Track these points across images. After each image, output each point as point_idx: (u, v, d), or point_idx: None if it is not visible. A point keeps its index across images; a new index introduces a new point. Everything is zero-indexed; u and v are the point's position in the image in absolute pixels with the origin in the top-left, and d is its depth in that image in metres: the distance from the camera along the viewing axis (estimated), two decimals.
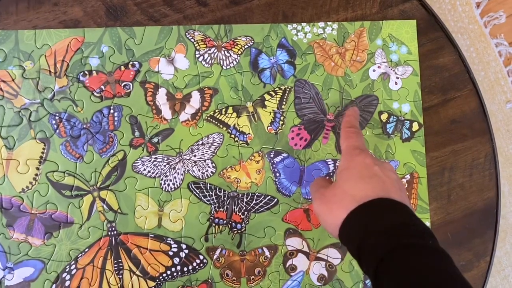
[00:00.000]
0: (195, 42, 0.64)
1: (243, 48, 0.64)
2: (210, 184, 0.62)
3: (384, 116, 0.65)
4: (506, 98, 1.27)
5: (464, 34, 1.26)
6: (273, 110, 0.64)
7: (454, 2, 1.26)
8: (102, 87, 0.62)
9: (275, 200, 0.62)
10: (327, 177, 0.62)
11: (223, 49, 0.64)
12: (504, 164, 1.22)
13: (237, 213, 0.62)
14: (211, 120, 0.63)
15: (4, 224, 0.59)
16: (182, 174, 0.62)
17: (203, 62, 0.63)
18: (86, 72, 0.62)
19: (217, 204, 0.62)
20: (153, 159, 0.61)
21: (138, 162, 0.61)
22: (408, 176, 0.64)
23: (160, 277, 0.60)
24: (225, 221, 0.62)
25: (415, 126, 0.65)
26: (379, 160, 0.48)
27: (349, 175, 0.46)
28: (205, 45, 0.64)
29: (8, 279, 0.59)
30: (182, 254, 0.61)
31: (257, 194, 0.62)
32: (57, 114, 0.61)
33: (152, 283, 0.60)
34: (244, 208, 0.62)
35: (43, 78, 0.61)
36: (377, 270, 0.39)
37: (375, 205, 0.43)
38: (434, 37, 0.67)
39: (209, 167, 0.62)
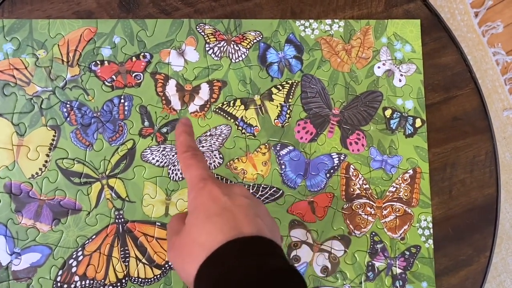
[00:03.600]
0: (205, 36, 0.65)
1: (252, 43, 0.66)
2: (217, 174, 0.63)
3: (388, 112, 0.66)
4: (503, 106, 1.30)
5: (462, 43, 1.29)
6: (280, 104, 0.65)
7: (453, 11, 1.29)
8: (113, 77, 0.63)
9: (281, 192, 0.63)
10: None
11: (233, 43, 0.65)
12: (501, 171, 1.24)
13: None
14: (219, 112, 0.64)
15: (13, 209, 0.60)
16: None
17: (213, 55, 0.65)
18: (98, 62, 0.63)
19: None
20: (161, 149, 0.62)
21: (147, 151, 0.62)
22: (411, 171, 0.65)
23: (166, 265, 0.61)
24: None
25: (418, 123, 0.66)
26: (227, 187, 0.42)
27: (196, 217, 0.40)
28: (215, 39, 0.65)
29: (15, 264, 0.59)
30: None
31: (262, 185, 0.63)
32: (68, 102, 0.62)
33: (158, 271, 0.61)
34: None
35: (55, 67, 0.63)
36: None
37: (224, 253, 0.37)
38: (437, 36, 0.68)
39: (216, 158, 0.63)
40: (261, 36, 0.66)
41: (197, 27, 0.65)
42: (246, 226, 0.38)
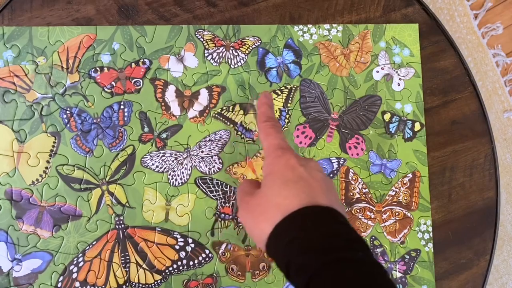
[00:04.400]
0: (204, 41, 0.65)
1: (251, 48, 0.66)
2: (216, 179, 0.63)
3: (387, 116, 0.67)
4: (504, 108, 1.30)
5: (462, 45, 1.29)
6: (279, 109, 0.65)
7: (452, 13, 1.29)
8: (113, 83, 0.63)
9: None
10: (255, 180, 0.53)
11: (231, 48, 0.66)
12: (502, 173, 1.24)
13: None
14: (218, 117, 0.64)
15: (13, 216, 0.60)
16: (189, 170, 0.63)
17: (212, 61, 0.65)
18: (97, 68, 0.63)
19: (223, 200, 0.63)
20: (161, 154, 0.63)
21: (146, 157, 0.63)
22: (410, 175, 0.65)
23: (166, 271, 0.61)
24: (230, 216, 0.63)
25: (417, 126, 0.67)
26: (304, 159, 0.45)
27: (273, 181, 0.43)
28: (213, 44, 0.65)
29: (16, 270, 0.59)
30: (188, 248, 0.62)
31: None
32: (68, 109, 0.62)
33: (158, 277, 0.61)
34: None
35: (55, 74, 0.63)
36: None
37: (301, 216, 0.39)
38: (435, 40, 0.69)
39: (216, 163, 0.63)
40: (260, 41, 0.66)
41: (196, 33, 0.65)
42: (321, 197, 0.41)
